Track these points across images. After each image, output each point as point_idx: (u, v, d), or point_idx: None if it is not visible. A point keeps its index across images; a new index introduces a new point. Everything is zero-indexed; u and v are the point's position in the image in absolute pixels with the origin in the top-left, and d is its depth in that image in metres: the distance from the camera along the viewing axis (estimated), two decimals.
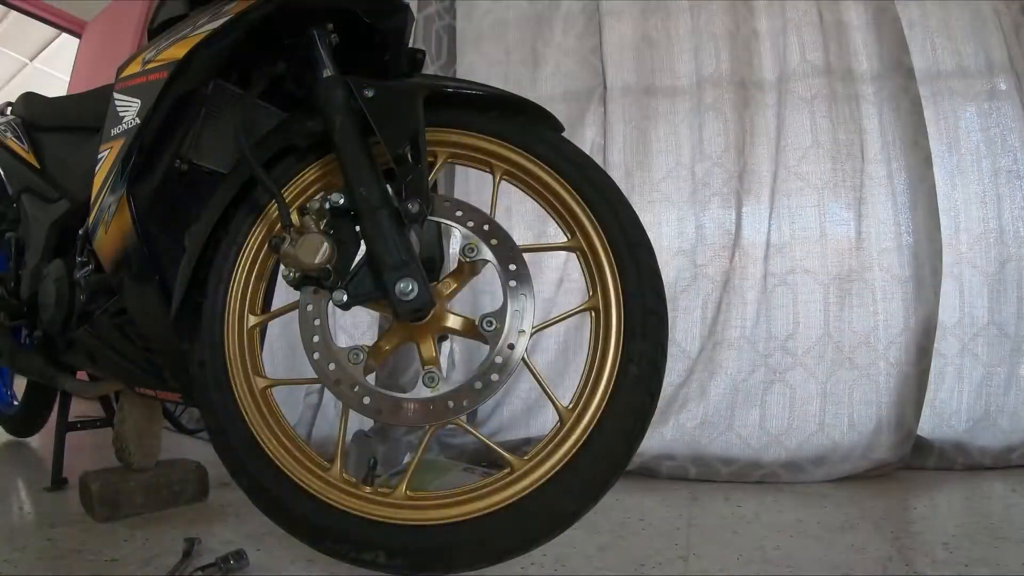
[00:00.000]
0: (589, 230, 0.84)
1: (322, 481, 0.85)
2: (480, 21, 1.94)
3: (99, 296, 1.12)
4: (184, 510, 1.21)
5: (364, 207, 0.81)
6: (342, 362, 0.82)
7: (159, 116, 0.92)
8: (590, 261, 0.84)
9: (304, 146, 0.93)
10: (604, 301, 0.82)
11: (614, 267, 0.82)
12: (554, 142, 0.89)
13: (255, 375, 0.92)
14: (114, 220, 0.96)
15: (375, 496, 0.82)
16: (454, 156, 0.92)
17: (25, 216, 1.36)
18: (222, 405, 0.90)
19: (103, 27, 3.67)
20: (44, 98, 1.44)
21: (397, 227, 0.81)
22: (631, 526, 1.13)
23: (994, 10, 1.61)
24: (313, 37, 0.90)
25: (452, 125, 0.90)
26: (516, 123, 0.90)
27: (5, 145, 1.42)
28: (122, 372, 1.14)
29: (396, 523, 0.79)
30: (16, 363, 1.48)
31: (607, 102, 1.79)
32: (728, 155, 1.69)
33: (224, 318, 0.93)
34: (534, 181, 0.88)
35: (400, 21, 0.93)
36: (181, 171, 1.02)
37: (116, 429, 1.26)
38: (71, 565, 0.92)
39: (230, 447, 0.88)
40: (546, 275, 1.75)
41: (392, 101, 0.85)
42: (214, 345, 0.92)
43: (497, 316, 0.80)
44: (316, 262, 0.79)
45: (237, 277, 0.93)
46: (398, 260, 0.79)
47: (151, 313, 0.99)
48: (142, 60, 0.98)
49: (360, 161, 0.83)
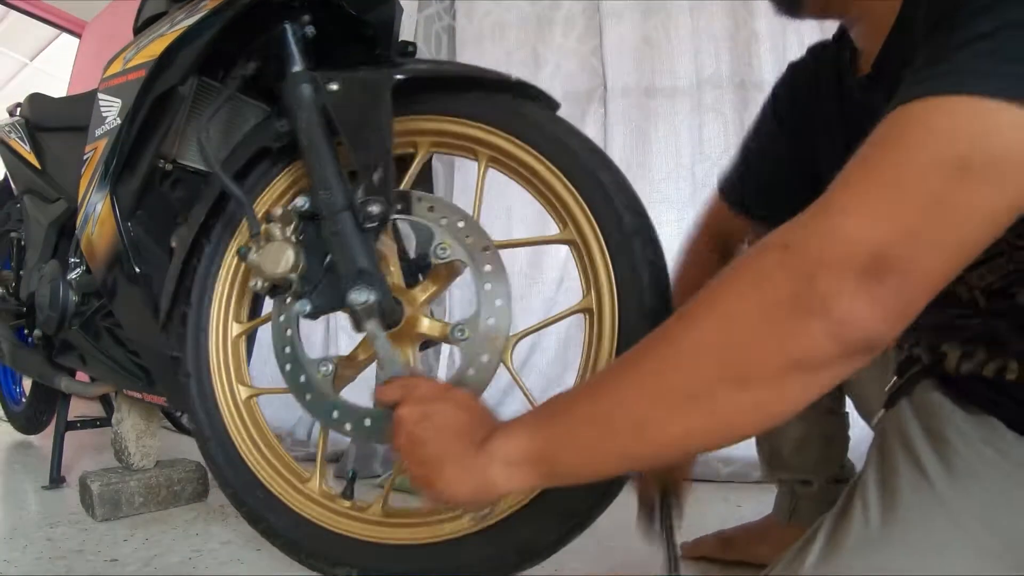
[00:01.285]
0: (581, 220, 0.73)
1: (300, 494, 0.85)
2: (480, 22, 1.94)
3: (90, 297, 1.13)
4: (184, 510, 1.21)
5: (325, 210, 0.76)
6: (311, 373, 0.78)
7: (139, 116, 0.90)
8: (583, 255, 0.74)
9: (276, 149, 0.89)
10: (598, 301, 0.72)
11: (608, 262, 0.71)
12: (539, 121, 0.77)
13: (239, 384, 0.92)
14: (99, 221, 0.96)
15: (351, 511, 0.82)
16: (437, 145, 0.84)
17: (27, 216, 1.37)
18: (206, 415, 0.91)
19: (103, 27, 3.67)
20: (48, 99, 1.44)
21: (358, 231, 0.75)
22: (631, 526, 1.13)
23: None
24: (285, 31, 0.84)
25: (432, 111, 0.82)
26: (496, 103, 0.79)
27: (9, 146, 1.42)
28: (111, 374, 1.14)
29: (371, 541, 0.78)
30: (17, 362, 1.48)
31: (607, 103, 1.79)
32: (728, 156, 1.68)
33: (208, 328, 0.92)
34: (520, 166, 0.77)
35: (387, 13, 0.89)
36: (165, 171, 1.01)
37: (115, 429, 1.27)
38: (71, 565, 0.92)
39: (213, 457, 0.90)
40: (547, 274, 1.75)
41: (357, 93, 0.78)
42: (198, 355, 0.92)
43: (469, 324, 0.72)
44: (278, 272, 0.74)
45: (220, 286, 0.93)
46: (354, 268, 0.73)
47: (137, 316, 0.98)
48: (123, 59, 0.96)
49: (323, 160, 0.78)
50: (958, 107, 0.36)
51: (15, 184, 1.44)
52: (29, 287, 1.28)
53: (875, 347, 0.36)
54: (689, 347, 0.40)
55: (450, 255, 0.74)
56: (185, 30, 0.84)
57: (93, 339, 1.13)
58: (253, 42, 0.87)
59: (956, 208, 0.35)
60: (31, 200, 1.34)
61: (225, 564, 0.94)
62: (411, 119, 0.82)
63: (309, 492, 0.84)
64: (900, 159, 0.36)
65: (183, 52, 0.85)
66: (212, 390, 0.91)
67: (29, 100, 1.44)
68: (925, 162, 0.35)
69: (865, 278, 0.35)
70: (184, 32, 0.84)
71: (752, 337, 0.38)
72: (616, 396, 0.43)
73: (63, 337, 1.19)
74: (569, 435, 0.45)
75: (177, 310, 0.93)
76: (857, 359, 0.37)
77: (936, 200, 0.35)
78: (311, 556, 0.82)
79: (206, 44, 0.84)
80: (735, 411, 0.39)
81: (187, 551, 0.99)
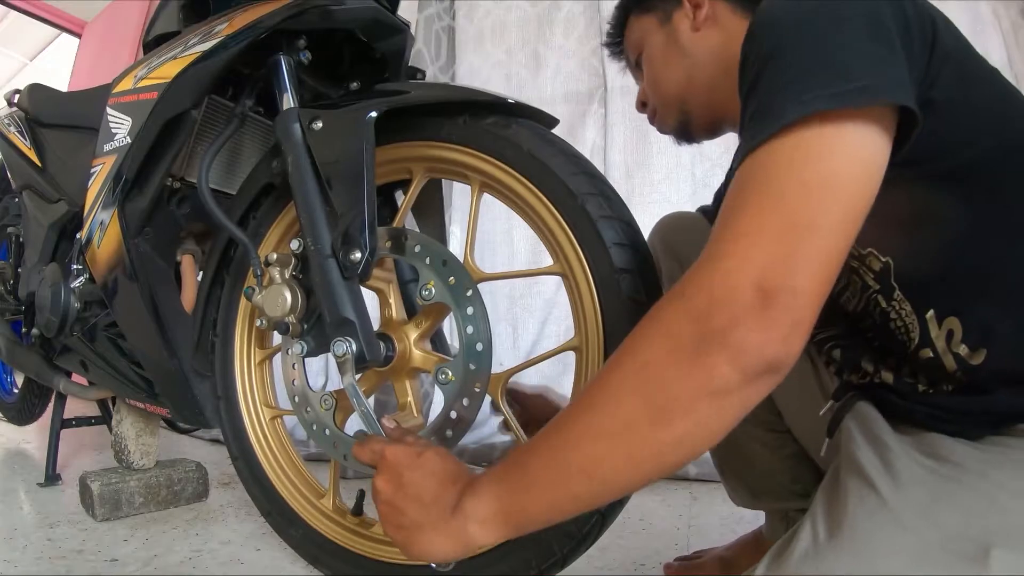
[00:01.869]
0: (569, 252, 0.71)
1: (315, 509, 0.91)
2: (481, 22, 1.94)
3: (92, 306, 1.13)
4: (184, 510, 1.21)
5: (312, 257, 0.77)
6: (315, 406, 0.84)
7: (149, 137, 0.91)
8: (573, 290, 0.71)
9: (279, 184, 0.90)
10: (587, 339, 0.70)
11: (595, 299, 0.69)
12: (527, 143, 0.73)
13: (264, 406, 0.98)
14: (106, 236, 0.98)
15: (359, 529, 0.86)
16: (431, 171, 0.83)
17: (26, 213, 1.36)
18: (235, 434, 0.98)
19: (103, 27, 3.67)
20: (48, 92, 1.42)
21: (343, 278, 0.75)
22: (631, 526, 1.13)
23: (993, 12, 1.61)
24: (278, 63, 0.84)
25: (424, 137, 0.80)
26: (484, 127, 0.76)
27: (8, 139, 1.40)
28: (113, 382, 1.14)
29: (374, 559, 0.83)
30: (13, 359, 1.48)
31: (607, 103, 1.79)
32: (728, 156, 1.68)
33: (234, 355, 0.98)
34: (510, 193, 0.75)
35: (400, 43, 0.90)
36: (172, 188, 1.02)
37: (115, 429, 1.26)
38: (71, 565, 0.92)
39: (242, 473, 0.97)
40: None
41: (336, 134, 0.77)
42: (227, 380, 0.98)
43: (452, 367, 0.74)
44: (277, 315, 0.78)
45: (242, 317, 0.98)
46: (338, 317, 0.74)
47: (141, 329, 1.01)
48: (134, 77, 0.97)
49: (310, 206, 0.78)
50: (777, 146, 0.43)
51: (13, 179, 1.42)
52: (29, 286, 1.27)
53: (777, 367, 0.41)
54: (616, 391, 0.45)
55: (434, 297, 0.74)
56: (200, 55, 0.84)
57: (95, 347, 1.13)
58: (263, 65, 0.87)
59: (810, 226, 0.41)
60: (30, 198, 1.33)
61: (225, 564, 0.94)
62: (404, 145, 0.82)
63: (323, 508, 0.90)
64: (753, 201, 0.43)
65: (197, 77, 0.85)
66: (240, 412, 0.98)
67: (29, 91, 1.41)
68: (773, 196, 0.42)
69: (752, 308, 0.40)
70: (198, 57, 0.84)
71: (667, 377, 0.43)
72: (564, 440, 0.48)
73: (64, 342, 1.19)
74: (528, 487, 0.49)
75: (205, 338, 0.99)
76: (764, 380, 0.42)
77: (791, 224, 0.41)
78: (326, 566, 0.88)
79: (220, 70, 0.84)
80: (666, 444, 0.43)
81: (187, 551, 0.99)
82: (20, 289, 1.36)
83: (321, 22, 0.81)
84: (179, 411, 1.02)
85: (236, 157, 1.08)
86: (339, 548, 0.86)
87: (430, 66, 1.91)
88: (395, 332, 0.81)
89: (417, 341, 0.81)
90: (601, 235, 0.68)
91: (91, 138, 1.23)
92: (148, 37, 1.01)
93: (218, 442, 1.90)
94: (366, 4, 0.83)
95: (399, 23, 0.89)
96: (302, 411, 0.85)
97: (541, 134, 0.74)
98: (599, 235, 0.68)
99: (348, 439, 0.80)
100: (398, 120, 0.79)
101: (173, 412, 1.04)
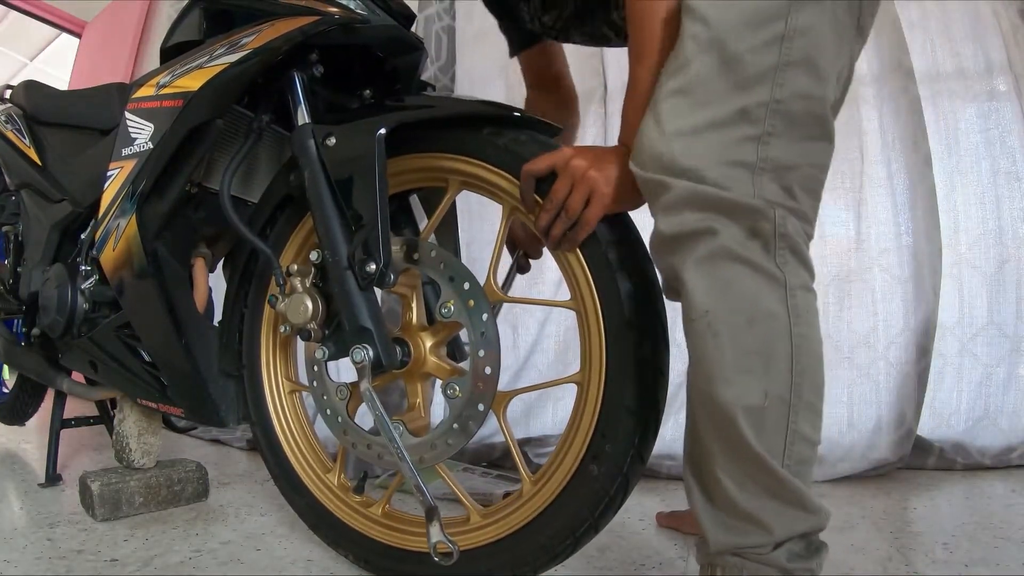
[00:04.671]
0: (586, 293, 0.73)
1: (321, 482, 0.97)
2: (480, 22, 1.93)
3: (102, 307, 1.13)
4: (184, 510, 1.21)
5: (330, 268, 0.81)
6: (331, 396, 0.89)
7: (172, 144, 0.92)
8: (584, 328, 0.74)
9: (297, 196, 0.92)
10: (588, 378, 0.73)
11: (603, 344, 0.71)
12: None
13: (284, 379, 1.03)
14: (122, 239, 1.00)
15: (358, 506, 0.93)
16: (465, 185, 0.85)
17: (25, 213, 1.35)
18: (255, 401, 1.02)
19: (103, 27, 3.67)
20: (46, 89, 1.41)
21: (360, 289, 0.79)
22: (631, 526, 1.13)
23: (993, 12, 1.61)
24: (292, 78, 0.87)
25: (451, 150, 0.83)
26: (500, 143, 0.78)
27: (5, 137, 1.38)
28: (124, 383, 1.15)
29: (368, 536, 0.90)
30: (11, 359, 1.47)
31: (607, 102, 1.79)
32: None
33: (260, 329, 1.03)
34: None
35: (415, 60, 0.94)
36: (190, 193, 1.03)
37: (116, 428, 1.26)
38: (71, 565, 0.92)
39: (258, 438, 1.03)
40: (546, 275, 1.75)
41: (348, 150, 0.81)
42: (252, 349, 1.02)
43: (461, 383, 0.78)
44: (299, 322, 0.83)
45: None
46: (356, 325, 0.79)
47: (157, 332, 1.02)
48: (156, 84, 0.98)
49: (327, 219, 0.81)
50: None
51: (10, 177, 1.40)
52: (30, 286, 1.27)
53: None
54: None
55: (452, 317, 0.79)
56: (227, 66, 0.86)
57: (106, 348, 1.13)
58: (276, 77, 0.89)
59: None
60: (30, 197, 1.32)
61: (225, 564, 0.94)
62: (437, 156, 0.84)
63: (330, 484, 0.96)
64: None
65: (224, 87, 0.87)
66: (260, 379, 1.02)
67: (25, 88, 1.39)
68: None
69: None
70: (225, 68, 0.86)
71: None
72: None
73: (69, 341, 1.19)
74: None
75: (231, 340, 1.03)
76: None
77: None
78: (324, 534, 0.95)
79: (247, 83, 0.87)
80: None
81: (187, 551, 0.99)
82: (21, 289, 1.35)
83: (346, 39, 0.84)
84: (194, 411, 1.04)
85: (251, 164, 1.09)
86: (338, 522, 0.93)
87: (430, 66, 1.91)
88: (412, 337, 0.85)
89: (432, 348, 0.85)
90: (618, 286, 0.71)
91: (96, 138, 1.23)
92: (167, 43, 1.02)
93: (218, 442, 1.90)
94: (388, 23, 0.87)
95: (417, 41, 0.92)
96: (320, 398, 0.90)
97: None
98: (616, 285, 0.71)
99: (358, 428, 0.88)
100: (427, 131, 0.84)
101: (188, 412, 1.05)
